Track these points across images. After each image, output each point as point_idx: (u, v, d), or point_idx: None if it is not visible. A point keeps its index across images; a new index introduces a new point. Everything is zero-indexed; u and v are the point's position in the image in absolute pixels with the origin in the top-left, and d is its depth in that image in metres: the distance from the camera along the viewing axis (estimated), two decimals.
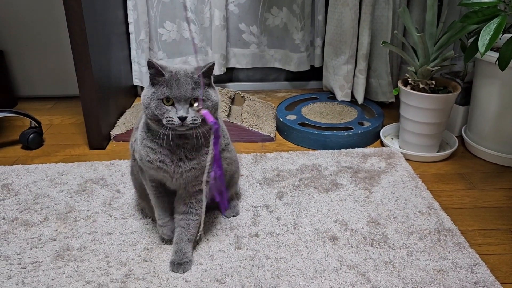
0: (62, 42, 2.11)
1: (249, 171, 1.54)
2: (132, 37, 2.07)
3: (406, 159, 1.62)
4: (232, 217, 1.30)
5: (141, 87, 2.20)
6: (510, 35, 1.51)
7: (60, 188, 1.44)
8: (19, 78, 2.22)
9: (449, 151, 1.65)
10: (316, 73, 2.28)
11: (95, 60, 1.63)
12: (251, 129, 1.77)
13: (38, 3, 2.07)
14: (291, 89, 2.36)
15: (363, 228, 1.25)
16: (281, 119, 1.83)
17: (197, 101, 0.98)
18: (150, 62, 0.96)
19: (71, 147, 1.77)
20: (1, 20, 2.10)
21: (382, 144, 1.76)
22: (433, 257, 1.14)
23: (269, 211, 1.32)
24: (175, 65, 1.54)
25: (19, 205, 1.36)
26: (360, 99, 1.96)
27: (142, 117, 1.07)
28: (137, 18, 2.03)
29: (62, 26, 2.06)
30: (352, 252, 1.16)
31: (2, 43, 2.14)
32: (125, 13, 2.03)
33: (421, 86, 1.57)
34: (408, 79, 1.61)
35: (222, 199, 1.15)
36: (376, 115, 1.88)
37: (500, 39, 1.24)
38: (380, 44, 1.82)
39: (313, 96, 2.09)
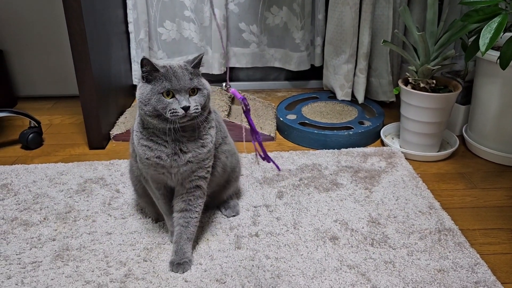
0: (62, 42, 2.10)
1: (249, 170, 1.54)
2: (131, 36, 2.07)
3: (406, 158, 1.62)
4: (232, 216, 1.30)
5: None
6: (511, 34, 1.51)
7: (59, 188, 1.44)
8: (19, 78, 2.21)
9: (449, 151, 1.64)
10: (316, 72, 2.27)
11: (94, 59, 1.63)
12: None
13: (38, 3, 2.07)
14: (291, 88, 2.35)
15: (363, 227, 1.25)
16: (281, 119, 1.83)
17: (195, 91, 1.00)
18: (145, 60, 0.97)
19: (70, 146, 1.77)
20: (1, 20, 2.10)
21: (383, 144, 1.75)
22: (434, 256, 1.14)
23: (269, 211, 1.32)
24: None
25: (19, 205, 1.35)
26: (360, 98, 1.96)
27: (136, 118, 1.08)
28: (137, 17, 2.03)
29: (62, 26, 2.05)
30: (353, 252, 1.15)
31: (2, 43, 2.14)
32: (125, 12, 2.03)
33: (421, 85, 1.56)
34: (409, 78, 1.60)
35: (270, 159, 1.53)
36: (377, 114, 1.87)
37: (501, 38, 1.23)
38: (380, 43, 1.81)
39: (314, 96, 2.09)
